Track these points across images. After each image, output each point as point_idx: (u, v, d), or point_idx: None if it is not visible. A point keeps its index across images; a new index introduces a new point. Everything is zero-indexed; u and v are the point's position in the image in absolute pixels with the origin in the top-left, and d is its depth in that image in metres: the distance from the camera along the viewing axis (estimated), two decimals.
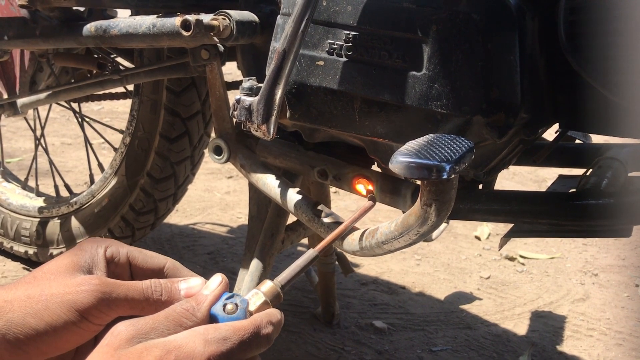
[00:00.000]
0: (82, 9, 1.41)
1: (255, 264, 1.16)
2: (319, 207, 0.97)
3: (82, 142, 1.76)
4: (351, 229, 0.89)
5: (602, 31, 0.77)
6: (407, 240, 0.76)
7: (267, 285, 0.59)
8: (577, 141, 1.18)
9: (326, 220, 0.94)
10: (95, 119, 1.80)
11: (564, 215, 0.84)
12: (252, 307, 0.57)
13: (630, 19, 0.75)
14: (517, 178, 2.88)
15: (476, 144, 0.81)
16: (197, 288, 0.57)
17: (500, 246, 1.02)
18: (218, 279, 0.57)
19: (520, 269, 2.01)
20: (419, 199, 0.71)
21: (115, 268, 0.58)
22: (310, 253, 0.63)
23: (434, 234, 1.37)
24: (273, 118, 0.85)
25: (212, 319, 0.55)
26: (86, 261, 0.57)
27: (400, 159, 0.64)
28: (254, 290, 0.58)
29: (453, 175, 0.64)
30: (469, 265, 2.02)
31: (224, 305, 0.56)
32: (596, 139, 1.18)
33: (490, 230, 2.26)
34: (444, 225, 1.30)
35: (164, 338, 0.51)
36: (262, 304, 0.57)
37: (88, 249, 0.57)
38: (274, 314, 0.56)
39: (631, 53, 0.76)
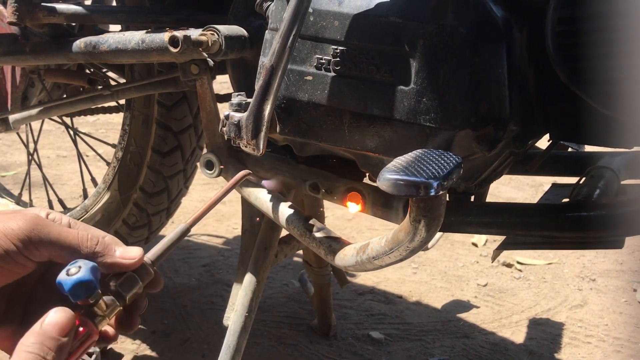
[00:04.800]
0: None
1: (248, 279, 1.16)
2: (311, 222, 0.96)
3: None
4: (341, 244, 0.89)
5: (591, 42, 0.77)
6: (398, 256, 0.76)
7: None
8: (570, 149, 1.18)
9: (318, 234, 0.94)
10: (88, 134, 1.80)
11: (556, 228, 0.84)
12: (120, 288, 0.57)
13: (619, 30, 0.75)
14: (514, 183, 2.88)
15: (466, 157, 0.81)
16: (133, 253, 0.57)
17: (493, 258, 1.01)
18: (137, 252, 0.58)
19: (518, 276, 2.00)
20: (408, 215, 0.71)
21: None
22: (182, 227, 0.64)
23: (430, 242, 1.37)
24: (262, 134, 0.85)
25: (59, 287, 0.54)
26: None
27: (388, 176, 0.64)
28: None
29: (441, 192, 0.63)
30: (466, 272, 2.02)
31: (67, 270, 0.54)
32: (589, 147, 1.17)
33: (487, 236, 2.25)
34: (439, 233, 1.29)
35: None
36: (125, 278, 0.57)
37: (31, 210, 0.58)
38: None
39: (620, 64, 0.76)
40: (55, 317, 0.52)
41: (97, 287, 0.55)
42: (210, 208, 0.68)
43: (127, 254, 0.58)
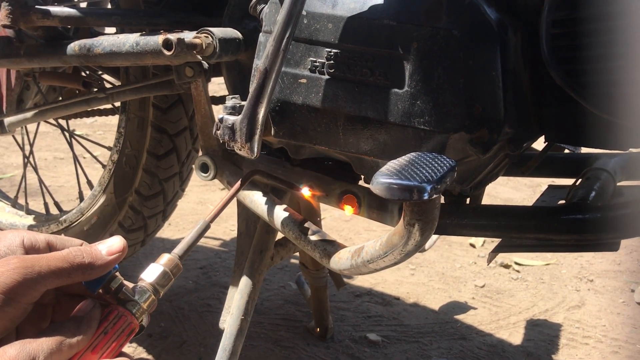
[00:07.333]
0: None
1: (244, 282, 1.15)
2: (306, 225, 0.96)
3: None
4: (336, 247, 0.89)
5: (585, 45, 0.77)
6: (392, 260, 0.76)
7: (166, 257, 0.64)
8: (566, 151, 1.18)
9: (313, 238, 0.93)
10: (84, 136, 1.79)
11: (551, 230, 0.84)
12: (151, 279, 0.61)
13: (614, 32, 0.75)
14: (512, 183, 2.88)
15: (461, 160, 0.81)
16: (116, 246, 0.59)
17: (489, 261, 1.01)
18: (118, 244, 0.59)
19: (515, 277, 2.00)
20: (402, 219, 0.71)
21: (37, 254, 0.58)
22: (202, 224, 0.70)
23: (427, 243, 1.36)
24: (256, 137, 0.85)
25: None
26: (3, 250, 0.57)
27: (381, 180, 0.63)
28: (152, 264, 0.63)
29: (435, 196, 0.63)
30: (464, 273, 2.01)
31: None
32: (585, 148, 1.17)
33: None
34: (436, 234, 1.29)
35: None
36: (161, 274, 0.62)
37: (3, 239, 0.57)
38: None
39: (614, 66, 0.75)
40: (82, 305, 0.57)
41: (109, 273, 0.58)
42: (227, 203, 0.74)
43: (112, 248, 0.59)
